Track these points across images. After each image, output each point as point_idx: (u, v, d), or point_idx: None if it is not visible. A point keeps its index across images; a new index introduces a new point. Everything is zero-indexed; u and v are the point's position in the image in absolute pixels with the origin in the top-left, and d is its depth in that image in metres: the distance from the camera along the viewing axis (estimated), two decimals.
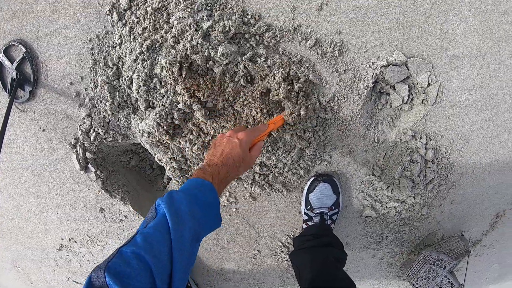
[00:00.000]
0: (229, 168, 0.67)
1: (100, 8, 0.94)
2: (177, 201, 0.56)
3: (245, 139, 0.70)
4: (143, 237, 0.50)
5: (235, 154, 0.68)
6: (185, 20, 0.84)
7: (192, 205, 0.57)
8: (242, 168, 0.70)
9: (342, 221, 1.11)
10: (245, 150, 0.69)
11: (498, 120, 0.99)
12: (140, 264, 0.47)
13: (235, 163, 0.68)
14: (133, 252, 0.48)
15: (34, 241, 1.39)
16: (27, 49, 1.02)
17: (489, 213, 1.20)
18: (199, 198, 0.60)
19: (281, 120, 0.84)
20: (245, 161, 0.69)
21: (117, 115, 0.99)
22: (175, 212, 0.54)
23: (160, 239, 0.51)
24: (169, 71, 0.83)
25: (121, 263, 0.46)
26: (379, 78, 0.93)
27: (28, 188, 1.26)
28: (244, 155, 0.69)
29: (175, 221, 0.53)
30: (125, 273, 0.45)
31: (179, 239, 0.52)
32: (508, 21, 0.88)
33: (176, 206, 0.55)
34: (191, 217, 0.55)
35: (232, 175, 0.69)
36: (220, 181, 0.65)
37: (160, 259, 0.49)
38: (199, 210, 0.58)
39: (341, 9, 0.86)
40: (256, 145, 0.74)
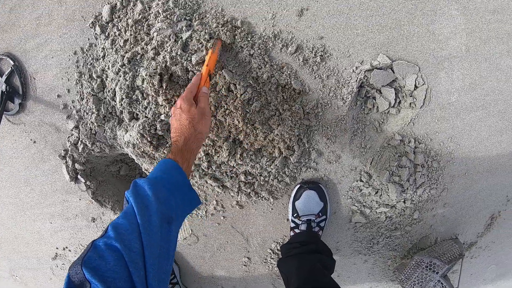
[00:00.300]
0: (186, 135, 0.68)
1: (83, 21, 0.95)
2: (140, 188, 0.57)
3: (183, 102, 0.70)
4: (112, 227, 0.51)
5: (182, 120, 0.69)
6: (164, 31, 0.84)
7: (156, 188, 0.57)
8: (198, 124, 0.70)
9: (332, 227, 1.10)
10: (189, 111, 0.69)
11: (490, 121, 0.97)
12: (113, 255, 0.47)
13: (186, 127, 0.68)
14: (105, 244, 0.48)
15: (30, 250, 1.42)
16: (15, 62, 1.03)
17: (483, 215, 1.18)
18: (163, 178, 0.60)
19: (212, 56, 0.79)
20: (195, 118, 0.69)
21: (103, 126, 1.00)
22: (139, 198, 0.55)
23: (128, 227, 0.51)
24: (150, 83, 0.84)
25: (96, 257, 0.47)
26: (364, 82, 0.92)
27: (22, 199, 1.27)
28: (189, 115, 0.69)
29: (140, 207, 0.53)
30: (100, 266, 0.46)
31: (146, 223, 0.52)
32: (497, 19, 0.86)
33: (140, 192, 0.56)
34: (155, 200, 0.55)
35: (193, 137, 0.69)
36: (181, 151, 0.66)
37: (130, 247, 0.49)
38: (165, 191, 0.58)
39: (322, 14, 0.85)
40: (199, 96, 0.73)
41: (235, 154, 0.91)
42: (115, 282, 0.46)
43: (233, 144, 0.91)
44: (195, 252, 1.23)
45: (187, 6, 0.86)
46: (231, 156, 0.91)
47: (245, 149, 0.91)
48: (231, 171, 0.97)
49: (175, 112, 0.71)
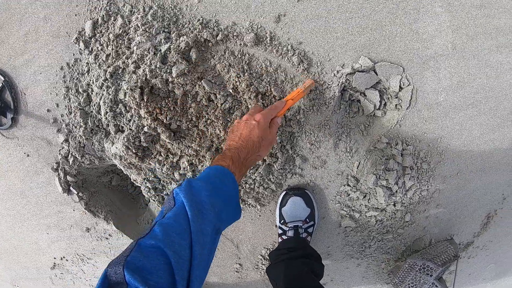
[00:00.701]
0: (249, 149, 0.66)
1: (68, 37, 0.97)
2: (197, 191, 0.53)
3: (263, 120, 0.69)
4: (162, 228, 0.47)
5: (254, 135, 0.67)
6: (144, 44, 0.85)
7: (213, 196, 0.54)
8: (263, 147, 0.68)
9: (321, 232, 1.10)
10: (264, 130, 0.68)
11: (481, 118, 0.95)
12: (160, 259, 0.44)
13: (255, 143, 0.66)
14: (153, 246, 0.45)
15: (29, 261, 1.45)
16: (5, 78, 1.05)
17: (479, 214, 1.16)
18: (220, 188, 0.57)
19: (300, 93, 0.79)
20: (265, 140, 0.68)
21: (91, 139, 1.02)
22: (195, 203, 0.51)
23: (180, 231, 0.48)
24: (131, 96, 0.85)
25: (140, 257, 0.44)
26: (347, 86, 0.91)
27: (19, 211, 1.30)
28: (263, 134, 0.68)
29: (195, 213, 0.50)
30: (144, 267, 0.43)
31: (200, 232, 0.49)
32: (484, 14, 0.84)
33: (196, 197, 0.52)
34: (211, 209, 0.52)
35: (253, 157, 0.67)
36: (241, 164, 0.63)
37: (180, 253, 0.46)
38: (219, 201, 0.55)
39: (299, 19, 0.85)
40: (273, 122, 0.72)
41: None
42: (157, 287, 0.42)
43: (216, 153, 0.92)
44: None
45: (165, 19, 0.87)
46: None
47: None
48: None
49: (250, 122, 0.69)
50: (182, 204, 0.51)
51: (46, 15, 0.97)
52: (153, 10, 0.87)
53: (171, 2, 0.87)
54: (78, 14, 0.94)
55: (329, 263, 1.18)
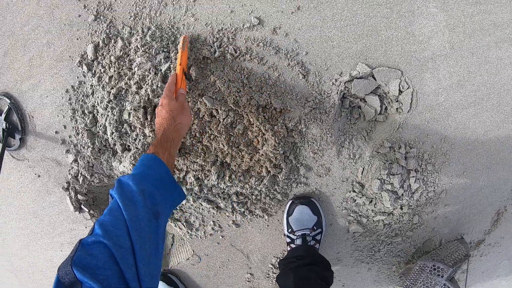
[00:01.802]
0: (164, 126, 0.70)
1: (71, 61, 1.00)
2: (125, 184, 0.57)
3: (164, 100, 0.74)
4: (99, 224, 0.50)
5: (163, 114, 0.72)
6: (144, 65, 0.87)
7: (140, 182, 0.57)
8: (177, 116, 0.72)
9: (330, 238, 1.10)
10: (169, 104, 0.72)
11: (484, 116, 0.94)
12: (103, 252, 0.46)
13: (167, 118, 0.71)
14: (94, 242, 0.47)
15: (44, 278, 1.48)
16: (11, 100, 1.08)
17: (488, 211, 1.14)
18: (146, 174, 0.60)
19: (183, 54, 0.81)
20: (174, 110, 0.72)
21: (99, 159, 1.04)
22: (124, 194, 0.54)
23: (114, 223, 0.50)
24: (135, 116, 0.87)
25: (85, 255, 0.46)
26: (346, 93, 0.92)
27: (32, 230, 1.34)
28: (169, 107, 0.72)
29: (126, 203, 0.52)
30: (91, 264, 0.44)
31: (134, 218, 0.51)
32: (480, 11, 0.83)
33: (125, 188, 0.56)
34: (141, 194, 0.55)
35: (173, 127, 0.71)
36: (161, 141, 0.67)
37: (119, 243, 0.47)
38: (149, 185, 0.58)
39: (294, 30, 0.86)
40: (177, 95, 0.76)
41: (224, 177, 0.93)
42: (107, 280, 0.44)
43: (221, 167, 0.93)
44: (199, 271, 1.25)
45: (164, 39, 0.88)
46: (220, 179, 0.93)
47: (233, 171, 0.93)
48: (222, 192, 0.99)
49: (158, 110, 0.75)
50: (116, 200, 0.54)
51: (49, 40, 1.00)
52: (152, 31, 0.89)
53: (169, 22, 0.89)
54: (80, 38, 0.97)
55: (340, 269, 1.18)
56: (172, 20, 0.89)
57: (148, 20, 0.90)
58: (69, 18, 0.96)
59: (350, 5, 0.84)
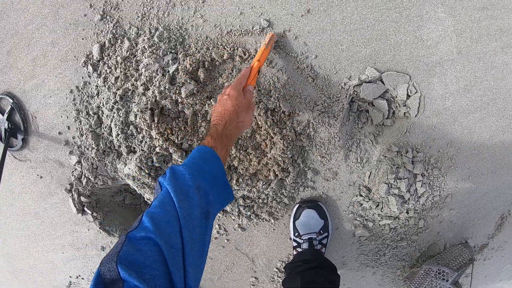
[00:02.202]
0: (226, 120, 0.65)
1: (76, 61, 0.98)
2: (180, 176, 0.52)
3: (233, 91, 0.69)
4: (150, 218, 0.46)
5: (228, 106, 0.67)
6: (152, 66, 0.86)
7: (197, 178, 0.53)
8: (241, 113, 0.68)
9: (336, 242, 1.10)
10: (237, 98, 0.68)
11: (490, 121, 0.95)
12: (153, 249, 0.43)
13: (231, 113, 0.67)
14: (143, 238, 0.44)
15: (44, 280, 1.46)
16: (14, 100, 1.07)
17: (492, 216, 1.15)
18: (203, 169, 0.55)
19: (264, 52, 0.77)
20: (240, 106, 0.68)
21: (103, 161, 1.03)
22: (179, 188, 0.50)
23: (168, 219, 0.46)
24: (142, 118, 0.86)
25: (133, 251, 0.42)
26: (354, 97, 0.92)
27: (33, 231, 1.32)
28: (237, 102, 0.68)
29: (181, 198, 0.48)
30: (138, 261, 0.41)
31: (188, 216, 0.47)
32: (487, 16, 0.84)
33: (180, 181, 0.51)
34: (197, 192, 0.51)
35: (234, 124, 0.67)
36: (221, 136, 0.63)
37: (171, 243, 0.44)
38: (205, 183, 0.53)
39: (304, 34, 0.85)
40: (245, 90, 0.72)
41: (231, 180, 0.92)
42: (153, 280, 0.40)
43: (228, 171, 0.92)
44: (203, 275, 1.24)
45: (171, 40, 0.88)
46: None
47: (240, 174, 0.92)
48: None
49: (222, 98, 0.70)
50: (167, 191, 0.50)
51: (53, 40, 0.98)
52: (159, 32, 0.88)
53: (177, 23, 0.88)
54: (85, 38, 0.96)
55: (345, 273, 1.18)
56: (180, 21, 0.88)
57: (156, 21, 0.89)
58: (74, 17, 0.94)
59: (359, 9, 0.83)
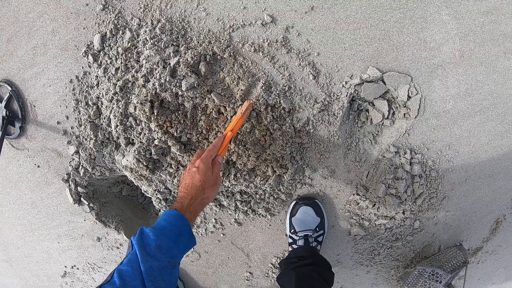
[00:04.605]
0: (192, 195, 0.71)
1: (76, 50, 0.97)
2: (146, 236, 0.63)
3: (202, 164, 0.73)
4: (118, 274, 0.56)
5: (196, 181, 0.72)
6: (153, 58, 0.85)
7: (160, 238, 0.62)
8: (207, 190, 0.73)
9: (331, 240, 1.10)
10: (205, 173, 0.72)
11: (489, 125, 0.95)
12: None
13: (198, 188, 0.71)
14: None
15: (39, 269, 1.47)
16: (12, 87, 1.06)
17: (488, 220, 1.15)
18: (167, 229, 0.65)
19: (239, 121, 0.78)
20: (207, 182, 0.73)
21: (101, 151, 1.02)
22: (143, 247, 0.60)
23: (131, 274, 0.56)
24: (141, 110, 0.85)
25: None
26: (355, 96, 0.91)
27: (29, 220, 1.32)
28: (204, 178, 0.72)
29: (143, 255, 0.59)
30: None
31: (148, 270, 0.57)
32: (491, 21, 0.83)
33: (145, 241, 0.62)
34: (158, 251, 0.61)
35: (199, 201, 0.72)
36: (185, 210, 0.70)
37: None
38: (168, 241, 0.63)
39: (307, 31, 0.85)
40: (214, 162, 0.76)
41: (229, 175, 0.92)
42: None
43: (227, 165, 0.92)
44: (198, 268, 1.25)
45: (173, 32, 0.87)
46: (225, 177, 0.92)
47: (238, 169, 0.92)
48: (226, 190, 0.98)
49: (191, 170, 0.74)
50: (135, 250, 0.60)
51: (54, 29, 0.97)
52: (161, 24, 0.87)
53: (179, 15, 0.88)
54: (86, 28, 0.95)
55: (339, 271, 1.19)
56: (182, 13, 0.87)
57: (158, 12, 0.88)
58: (76, 6, 0.93)
59: (364, 8, 0.83)
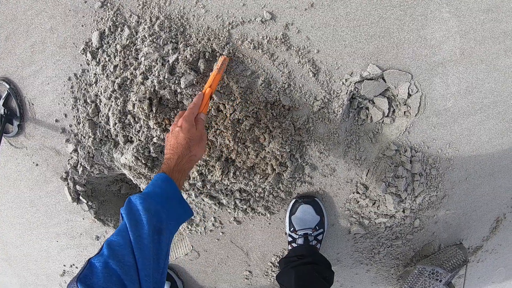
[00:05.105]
0: (179, 154, 0.69)
1: (75, 48, 0.97)
2: (133, 203, 0.60)
3: (185, 122, 0.72)
4: (107, 245, 0.55)
5: (180, 139, 0.70)
6: (151, 55, 0.85)
7: (146, 201, 0.60)
8: (194, 147, 0.71)
9: (331, 239, 1.10)
10: (188, 130, 0.71)
11: (489, 123, 0.94)
12: (107, 272, 0.51)
13: (183, 146, 0.70)
14: (100, 262, 0.52)
15: (38, 268, 1.46)
16: (10, 85, 1.05)
17: (488, 218, 1.15)
18: (154, 192, 0.63)
19: (216, 77, 0.76)
20: (192, 140, 0.71)
21: (100, 149, 1.02)
22: (131, 214, 0.58)
23: (121, 243, 0.55)
24: (140, 107, 0.85)
25: (90, 275, 0.51)
26: (355, 94, 0.91)
27: (28, 219, 1.31)
28: (189, 135, 0.70)
29: (132, 223, 0.57)
30: (94, 283, 0.49)
31: (137, 238, 0.55)
32: (492, 19, 0.83)
33: (132, 208, 0.59)
34: (145, 213, 0.58)
35: (187, 159, 0.70)
36: (172, 170, 0.68)
37: (124, 262, 0.52)
38: (154, 203, 0.61)
39: (307, 28, 0.84)
40: (197, 120, 0.74)
41: (228, 173, 0.92)
42: None
43: (226, 163, 0.92)
44: (197, 267, 1.24)
45: (172, 29, 0.86)
46: (224, 175, 0.92)
47: (237, 167, 0.91)
48: (225, 189, 0.97)
49: (174, 129, 0.72)
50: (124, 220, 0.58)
51: (52, 26, 0.97)
52: (160, 21, 0.87)
53: (178, 12, 0.87)
54: (85, 25, 0.94)
55: (339, 269, 1.18)
56: (181, 10, 0.87)
57: (157, 9, 0.88)
58: (74, 3, 0.93)
59: (364, 5, 0.82)
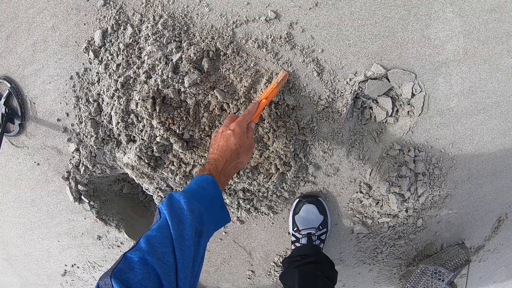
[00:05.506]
0: (227, 158, 0.68)
1: (77, 46, 0.96)
2: (176, 201, 0.58)
3: (238, 128, 0.71)
4: (146, 240, 0.52)
5: (231, 144, 0.69)
6: (155, 54, 0.84)
7: (191, 201, 0.58)
8: (242, 154, 0.70)
9: (334, 238, 1.10)
10: (240, 137, 0.70)
11: (492, 123, 0.94)
12: (145, 268, 0.48)
13: (233, 151, 0.68)
14: (138, 257, 0.49)
15: (39, 267, 1.45)
16: (12, 84, 1.05)
17: (490, 218, 1.15)
18: (199, 193, 0.61)
19: (274, 90, 0.77)
20: (242, 147, 0.70)
21: (102, 149, 1.01)
22: (174, 212, 0.56)
23: (162, 240, 0.52)
24: (143, 107, 0.84)
25: (126, 269, 0.48)
26: (359, 93, 0.91)
27: (29, 218, 1.31)
28: (240, 142, 0.69)
29: (175, 221, 0.54)
30: (130, 279, 0.46)
31: (180, 238, 0.53)
32: (495, 19, 0.83)
33: (175, 205, 0.57)
34: (190, 213, 0.56)
35: (233, 165, 0.69)
36: (219, 174, 0.66)
37: (164, 260, 0.50)
38: (199, 205, 0.59)
39: (311, 27, 0.84)
40: (248, 127, 0.73)
41: None
42: None
43: None
44: None
45: (176, 28, 0.86)
46: None
47: None
48: (229, 188, 0.97)
49: (226, 132, 0.71)
50: (165, 216, 0.55)
51: (54, 24, 0.96)
52: (164, 19, 0.86)
53: (182, 11, 0.87)
54: (87, 23, 0.93)
55: (342, 269, 1.18)
56: (185, 9, 0.86)
57: (160, 8, 0.87)
58: (76, 2, 0.92)
59: (368, 5, 0.82)
